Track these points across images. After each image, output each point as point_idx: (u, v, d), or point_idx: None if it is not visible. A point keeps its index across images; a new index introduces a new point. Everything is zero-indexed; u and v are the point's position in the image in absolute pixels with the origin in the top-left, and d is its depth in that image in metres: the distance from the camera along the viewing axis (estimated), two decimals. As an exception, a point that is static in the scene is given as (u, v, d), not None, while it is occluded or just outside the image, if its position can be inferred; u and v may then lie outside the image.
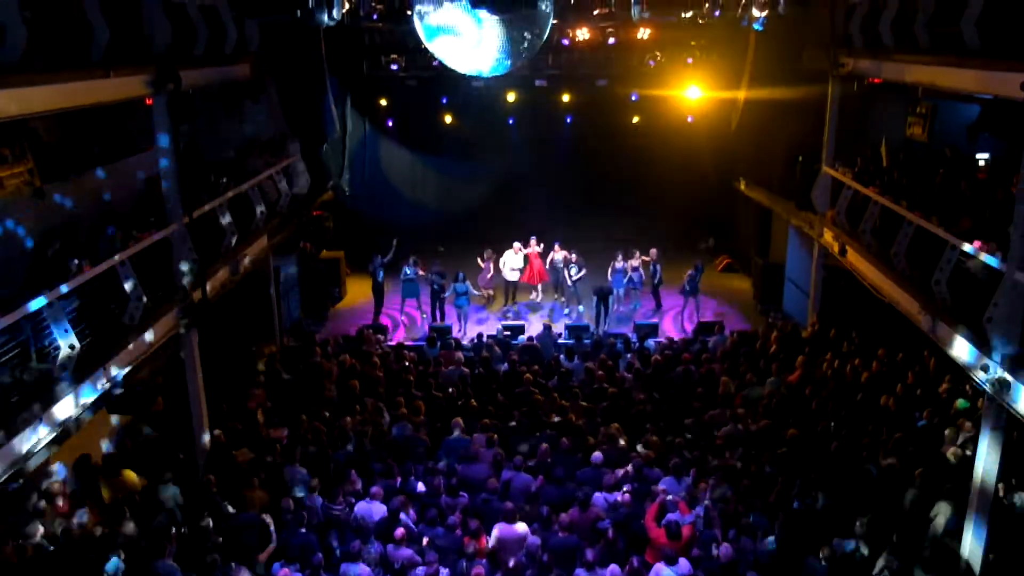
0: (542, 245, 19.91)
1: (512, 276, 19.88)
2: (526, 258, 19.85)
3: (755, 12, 15.88)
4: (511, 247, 19.78)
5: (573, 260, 19.31)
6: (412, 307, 19.87)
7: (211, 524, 9.91)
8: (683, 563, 9.36)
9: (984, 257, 9.89)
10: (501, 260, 19.76)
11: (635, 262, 19.40)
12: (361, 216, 23.32)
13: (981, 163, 15.14)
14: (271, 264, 17.00)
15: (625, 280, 19.39)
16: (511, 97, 22.51)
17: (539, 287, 20.52)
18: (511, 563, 9.42)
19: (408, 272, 19.08)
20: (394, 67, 21.00)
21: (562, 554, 9.61)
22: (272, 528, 10.12)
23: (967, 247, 10.32)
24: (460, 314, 18.74)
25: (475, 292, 19.28)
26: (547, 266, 20.04)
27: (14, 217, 10.47)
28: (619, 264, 19.34)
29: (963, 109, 15.08)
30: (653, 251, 19.45)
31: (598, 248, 20.77)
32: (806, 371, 14.31)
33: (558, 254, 19.81)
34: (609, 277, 19.37)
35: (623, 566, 9.55)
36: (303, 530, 10.03)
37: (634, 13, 17.17)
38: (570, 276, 19.33)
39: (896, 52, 13.03)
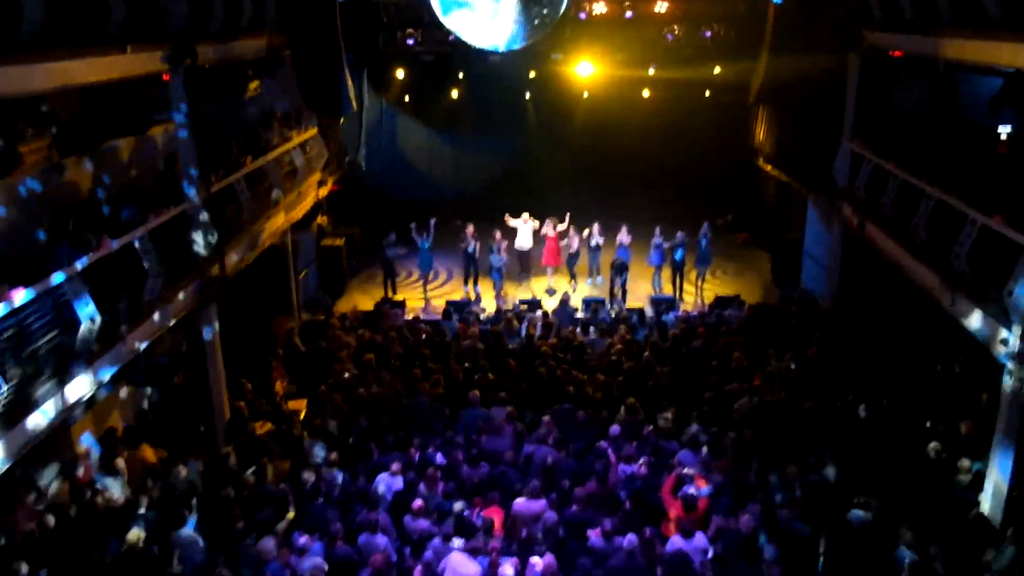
0: (559, 227, 19.36)
1: (524, 245, 19.63)
2: (536, 232, 19.59)
3: (774, -16, 15.71)
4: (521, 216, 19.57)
5: (595, 232, 19.17)
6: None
7: (232, 494, 10.04)
8: (699, 536, 9.40)
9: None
10: (513, 221, 19.55)
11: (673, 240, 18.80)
12: (377, 191, 23.32)
13: (1003, 136, 14.94)
14: (289, 239, 17.08)
15: (666, 257, 19.00)
16: (527, 72, 22.40)
17: (549, 271, 19.92)
18: (526, 536, 9.48)
19: (420, 243, 19.04)
20: (410, 42, 20.94)
21: (578, 527, 9.66)
22: (291, 499, 10.23)
23: (988, 221, 10.24)
24: (495, 286, 18.81)
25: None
26: (561, 249, 19.52)
27: (33, 192, 10.55)
28: (657, 240, 18.98)
29: (985, 82, 14.87)
30: (679, 234, 19.07)
31: (615, 223, 20.62)
32: (824, 345, 14.26)
33: (573, 240, 19.40)
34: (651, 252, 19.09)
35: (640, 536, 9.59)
36: (321, 501, 10.13)
37: (652, -15, 17.03)
38: (590, 246, 19.22)
39: (917, 24, 12.86)
